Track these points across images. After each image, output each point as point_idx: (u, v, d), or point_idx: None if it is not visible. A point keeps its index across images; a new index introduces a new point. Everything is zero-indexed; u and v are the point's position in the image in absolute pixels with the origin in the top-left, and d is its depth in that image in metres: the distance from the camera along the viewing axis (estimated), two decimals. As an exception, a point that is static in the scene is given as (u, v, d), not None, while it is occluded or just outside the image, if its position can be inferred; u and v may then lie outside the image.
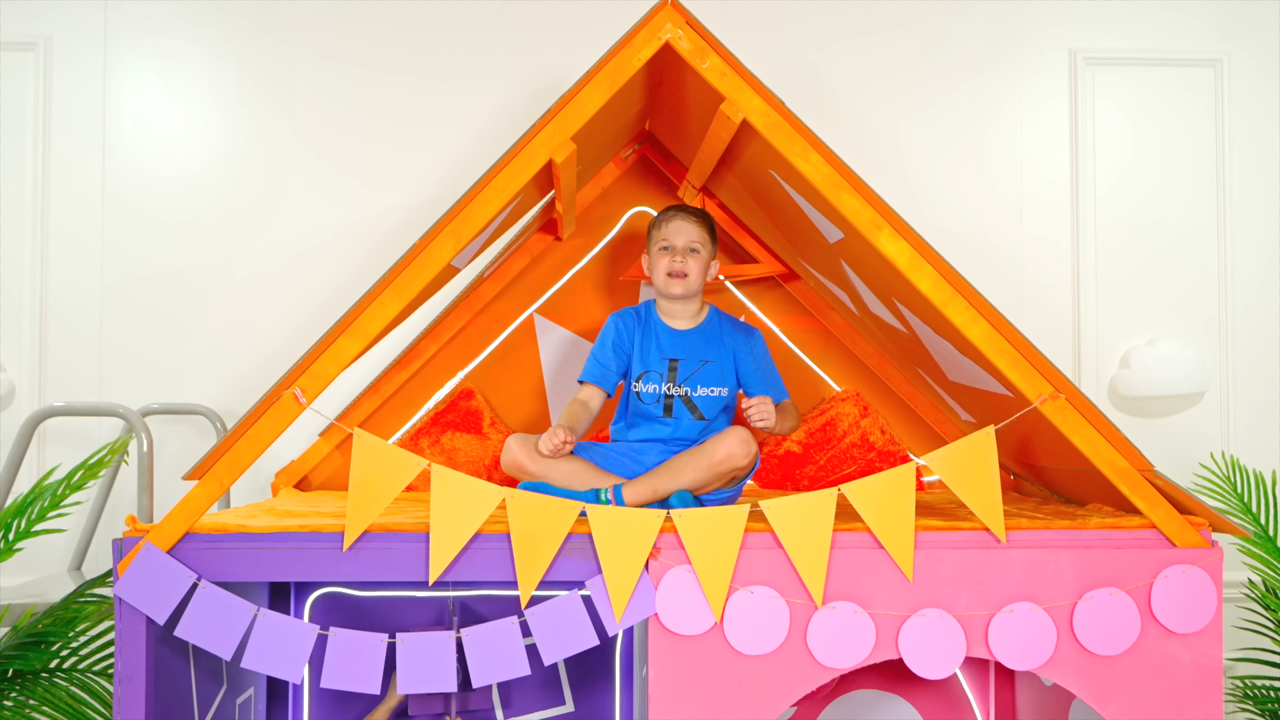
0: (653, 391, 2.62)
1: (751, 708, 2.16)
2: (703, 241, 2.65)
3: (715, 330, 2.68)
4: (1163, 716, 2.18)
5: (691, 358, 2.64)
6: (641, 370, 2.65)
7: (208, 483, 2.13)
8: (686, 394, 2.61)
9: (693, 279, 2.63)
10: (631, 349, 2.68)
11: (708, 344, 2.66)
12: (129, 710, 2.13)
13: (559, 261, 3.14)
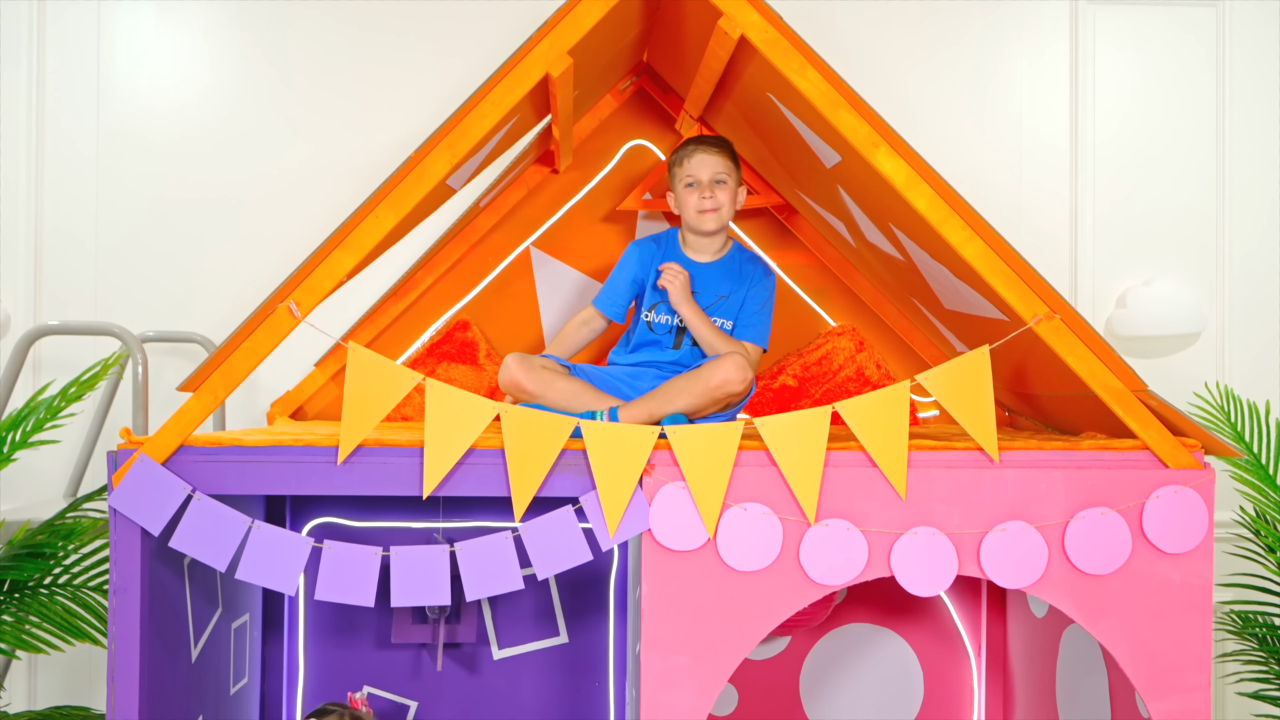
0: (665, 322, 2.63)
1: (744, 623, 2.18)
2: (728, 171, 2.63)
3: (735, 266, 2.68)
4: (1152, 636, 2.19)
5: (708, 291, 2.64)
6: (656, 300, 2.65)
7: (202, 395, 2.13)
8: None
9: (725, 211, 2.63)
10: (647, 278, 2.68)
11: (725, 278, 2.66)
12: (124, 621, 2.14)
13: (556, 194, 3.13)
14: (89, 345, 3.05)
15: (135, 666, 2.15)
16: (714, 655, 2.18)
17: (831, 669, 3.13)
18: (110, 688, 2.15)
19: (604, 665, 3.11)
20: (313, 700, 3.05)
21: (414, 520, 3.03)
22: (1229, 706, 3.31)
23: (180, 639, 2.40)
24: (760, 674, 3.13)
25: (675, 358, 2.61)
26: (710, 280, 2.66)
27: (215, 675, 2.64)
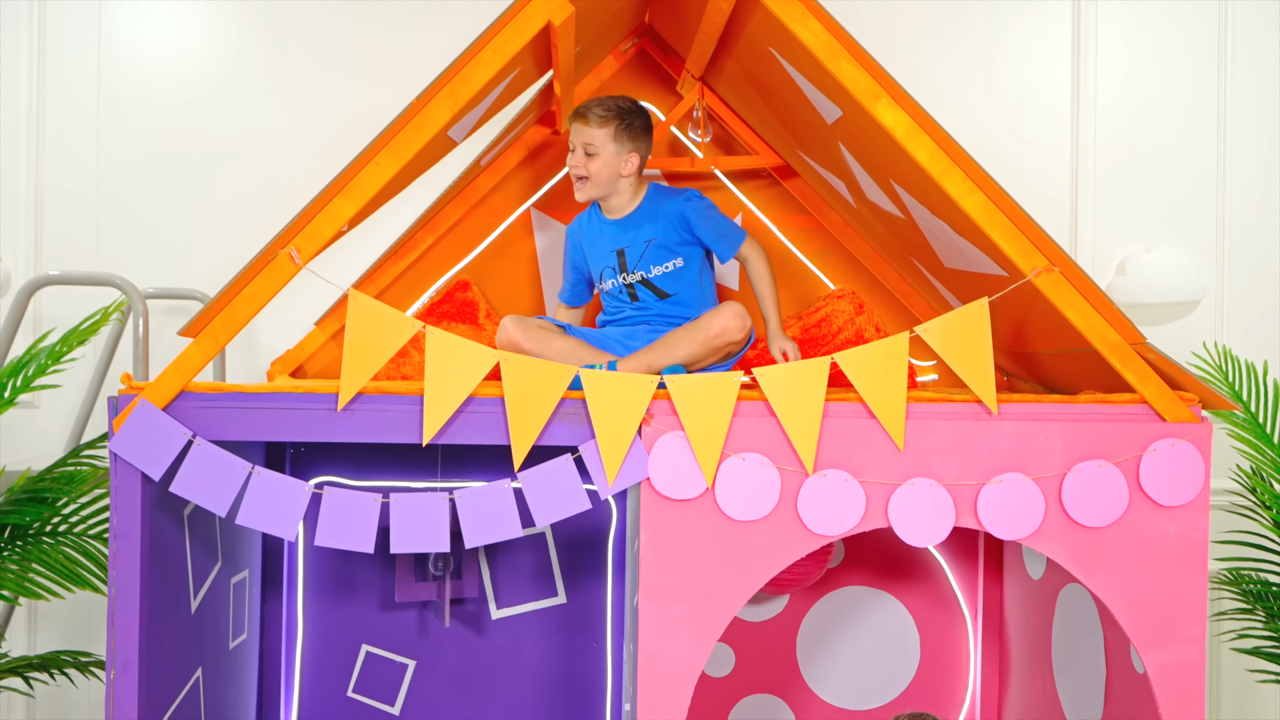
0: (614, 285, 2.67)
1: (741, 572, 2.19)
2: (601, 141, 2.62)
3: (652, 207, 2.69)
4: (1148, 588, 2.20)
5: (636, 242, 2.65)
6: (598, 270, 2.69)
7: (203, 341, 2.14)
8: (643, 277, 2.63)
9: (593, 182, 2.64)
10: (585, 257, 2.73)
11: (647, 222, 2.67)
12: (124, 566, 2.15)
13: (557, 155, 3.12)
14: (90, 299, 3.05)
15: (135, 612, 2.16)
16: (711, 604, 2.19)
17: (828, 631, 3.14)
18: (110, 632, 2.16)
19: (602, 626, 3.12)
20: (312, 658, 3.06)
21: (413, 480, 3.04)
22: (1224, 665, 3.33)
23: (180, 589, 2.41)
24: (757, 636, 3.14)
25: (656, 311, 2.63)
26: (634, 231, 2.67)
27: (215, 628, 2.65)
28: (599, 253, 2.70)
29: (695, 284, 2.68)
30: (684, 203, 2.68)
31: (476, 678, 3.09)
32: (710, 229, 2.68)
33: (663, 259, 2.64)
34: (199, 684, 2.54)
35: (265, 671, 3.03)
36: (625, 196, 2.69)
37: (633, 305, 2.65)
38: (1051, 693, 2.78)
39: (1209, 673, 3.35)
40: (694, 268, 2.66)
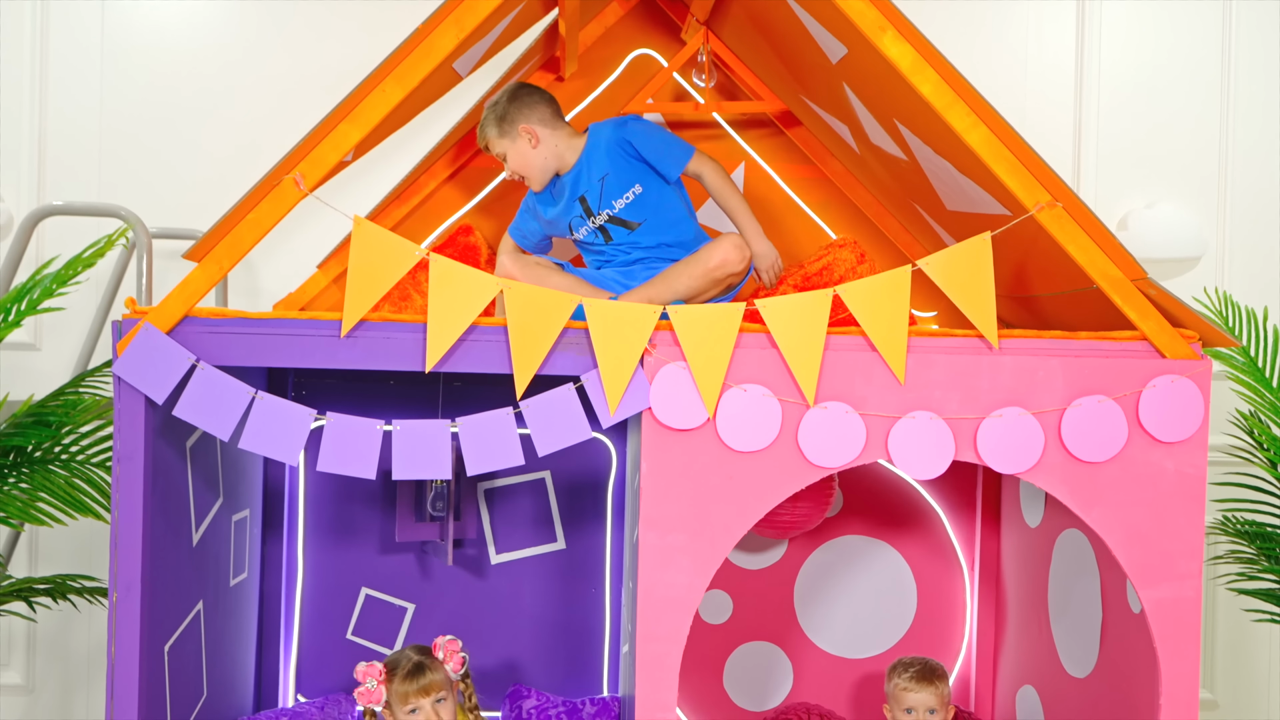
0: (586, 234, 2.69)
1: (741, 503, 2.20)
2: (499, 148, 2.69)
3: (593, 146, 2.69)
4: (1146, 524, 2.22)
5: (591, 183, 2.66)
6: (567, 223, 2.71)
7: (206, 265, 2.14)
8: (609, 215, 2.65)
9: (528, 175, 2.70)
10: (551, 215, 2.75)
11: (596, 161, 2.68)
12: (127, 490, 2.16)
13: (561, 102, 3.10)
14: (93, 233, 3.05)
15: (138, 536, 2.17)
16: (711, 534, 2.20)
17: (826, 580, 3.16)
18: (113, 555, 2.17)
19: (601, 571, 3.13)
20: (312, 600, 3.07)
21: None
22: (1219, 608, 3.36)
23: (181, 519, 2.42)
24: (755, 584, 3.16)
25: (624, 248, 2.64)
26: (586, 174, 2.68)
27: (215, 564, 2.66)
28: (562, 209, 2.72)
29: (660, 206, 2.67)
30: (618, 128, 2.69)
31: (475, 622, 3.10)
32: (651, 146, 2.66)
33: (620, 190, 2.64)
34: (200, 617, 2.56)
35: (265, 613, 3.04)
36: (568, 154, 2.70)
37: (611, 246, 2.66)
38: (1048, 639, 2.79)
39: (1204, 616, 3.37)
40: (654, 189, 2.66)
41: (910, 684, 2.59)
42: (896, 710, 2.62)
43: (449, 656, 2.43)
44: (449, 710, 2.39)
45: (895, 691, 2.62)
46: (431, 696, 2.36)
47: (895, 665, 2.67)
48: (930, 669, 2.62)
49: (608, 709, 2.97)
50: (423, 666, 2.38)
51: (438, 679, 2.38)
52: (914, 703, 2.59)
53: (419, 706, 2.35)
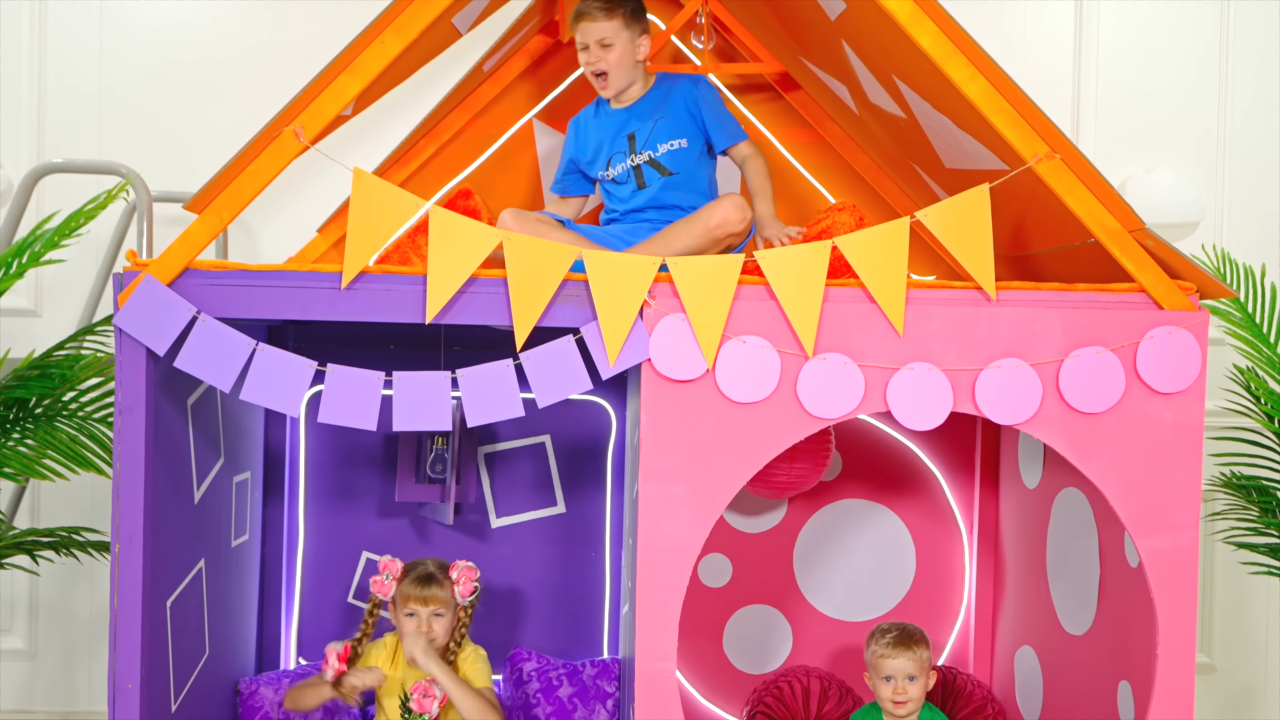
0: (622, 170, 2.69)
1: (741, 454, 2.21)
2: (613, 31, 2.63)
3: (662, 90, 2.71)
4: (1143, 474, 2.23)
5: (644, 124, 2.68)
6: (606, 157, 2.71)
7: (207, 217, 2.15)
8: (650, 157, 2.65)
9: (614, 74, 2.65)
10: (591, 145, 2.74)
11: (657, 105, 2.70)
12: (129, 442, 2.17)
13: (559, 66, 3.12)
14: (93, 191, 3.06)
15: (140, 487, 2.18)
16: (711, 485, 2.21)
17: (825, 543, 3.17)
18: (115, 506, 2.18)
19: (601, 535, 3.15)
20: (312, 563, 3.08)
21: (414, 386, 3.05)
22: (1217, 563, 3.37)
23: (183, 476, 2.42)
24: (754, 547, 3.17)
25: (647, 199, 2.65)
26: (644, 114, 2.70)
27: (217, 523, 2.67)
28: (607, 139, 2.71)
29: (695, 168, 2.69)
30: (692, 85, 2.72)
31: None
32: (714, 114, 2.71)
33: (668, 136, 2.66)
34: (202, 575, 2.57)
35: (266, 576, 3.05)
36: (638, 86, 2.72)
37: (638, 192, 2.66)
38: (1046, 599, 2.81)
39: (1203, 571, 3.39)
40: (695, 150, 2.69)
41: (888, 650, 2.49)
42: (875, 678, 2.53)
43: (462, 579, 2.55)
44: (443, 626, 2.52)
45: (873, 659, 2.53)
46: (430, 608, 2.50)
47: (873, 632, 2.58)
48: (908, 634, 2.53)
49: (608, 670, 2.98)
50: (433, 578, 2.53)
51: (441, 595, 2.52)
52: (892, 670, 2.49)
53: (416, 612, 2.50)
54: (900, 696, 2.49)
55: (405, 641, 2.49)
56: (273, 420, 3.05)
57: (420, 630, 2.49)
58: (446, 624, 2.53)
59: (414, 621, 2.50)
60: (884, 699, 2.52)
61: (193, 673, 2.53)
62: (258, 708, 2.82)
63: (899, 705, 2.50)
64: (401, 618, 2.53)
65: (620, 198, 2.71)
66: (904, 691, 2.49)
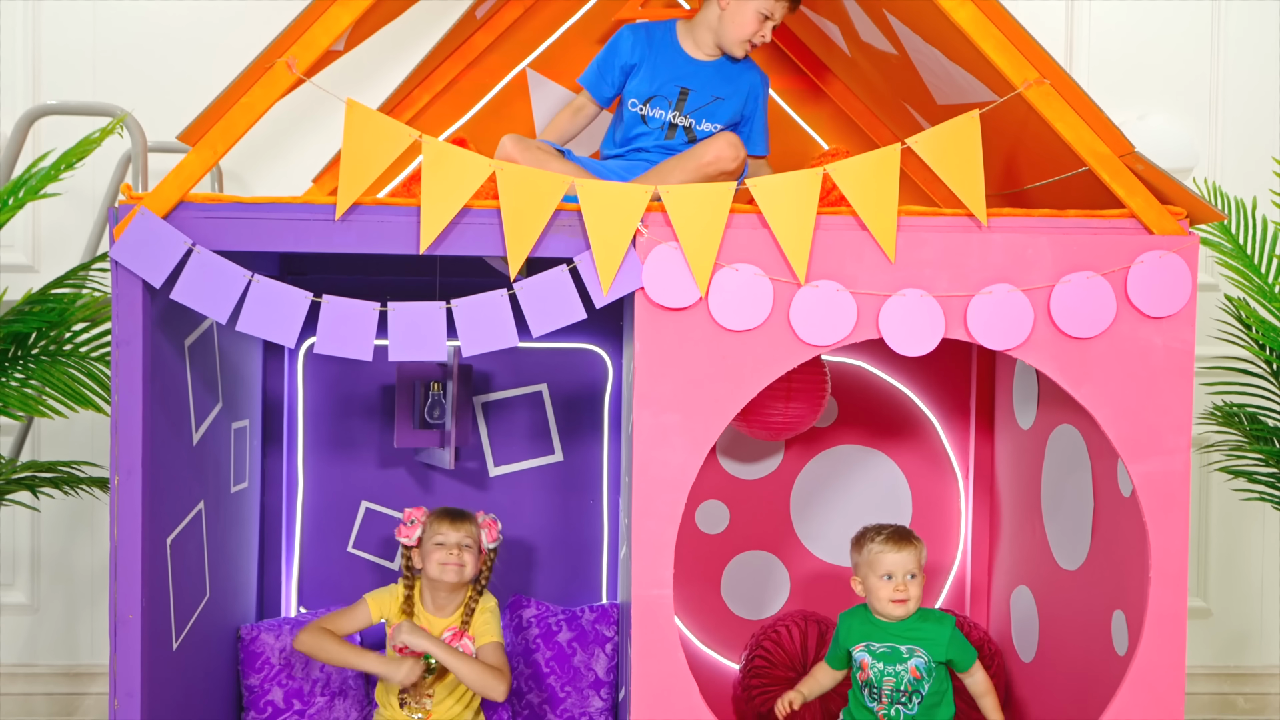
0: (659, 117, 2.65)
1: (734, 382, 2.22)
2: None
3: (734, 67, 2.69)
4: (1135, 399, 2.24)
5: (704, 90, 2.65)
6: (650, 94, 2.66)
7: (201, 150, 2.16)
8: (690, 125, 2.64)
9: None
10: (635, 67, 2.69)
11: (724, 81, 2.67)
12: (127, 373, 2.18)
13: (554, 15, 3.12)
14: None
15: (138, 420, 2.19)
16: (704, 413, 2.22)
17: (821, 489, 3.19)
18: (114, 439, 2.19)
19: (598, 483, 3.16)
20: (312, 513, 3.10)
21: (411, 336, 3.06)
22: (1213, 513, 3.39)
23: (181, 415, 2.44)
24: (751, 493, 3.18)
25: (669, 145, 2.64)
26: (707, 80, 2.67)
27: (216, 467, 2.69)
28: (659, 78, 2.65)
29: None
30: (761, 83, 2.73)
31: (475, 534, 3.13)
32: (760, 116, 2.75)
33: (717, 119, 2.65)
34: (201, 517, 2.58)
35: (266, 525, 3.07)
36: (711, 40, 2.66)
37: (663, 143, 2.64)
38: (1041, 538, 2.82)
39: (1198, 514, 3.40)
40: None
41: (887, 546, 2.44)
42: (872, 577, 2.47)
43: (487, 526, 2.67)
44: (471, 558, 2.61)
45: (872, 557, 2.47)
46: (461, 534, 2.60)
47: (864, 533, 2.54)
48: (904, 531, 2.50)
49: (607, 615, 3.00)
50: (464, 514, 2.65)
51: (471, 529, 2.64)
52: (893, 566, 2.44)
53: (445, 540, 2.58)
54: (901, 594, 2.45)
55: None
56: (270, 370, 3.06)
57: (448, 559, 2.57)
58: (473, 559, 2.62)
59: (442, 550, 2.58)
60: (882, 598, 2.46)
61: (193, 614, 2.55)
62: (259, 653, 2.84)
63: (899, 604, 2.45)
64: (430, 548, 2.60)
65: (643, 133, 2.66)
66: (905, 589, 2.45)
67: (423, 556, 2.63)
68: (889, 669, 2.49)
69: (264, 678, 2.83)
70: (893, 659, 2.49)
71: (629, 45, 2.69)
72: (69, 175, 2.34)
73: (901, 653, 2.49)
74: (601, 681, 2.95)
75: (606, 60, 2.70)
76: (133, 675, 2.21)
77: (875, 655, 2.51)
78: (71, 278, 2.49)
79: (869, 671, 2.50)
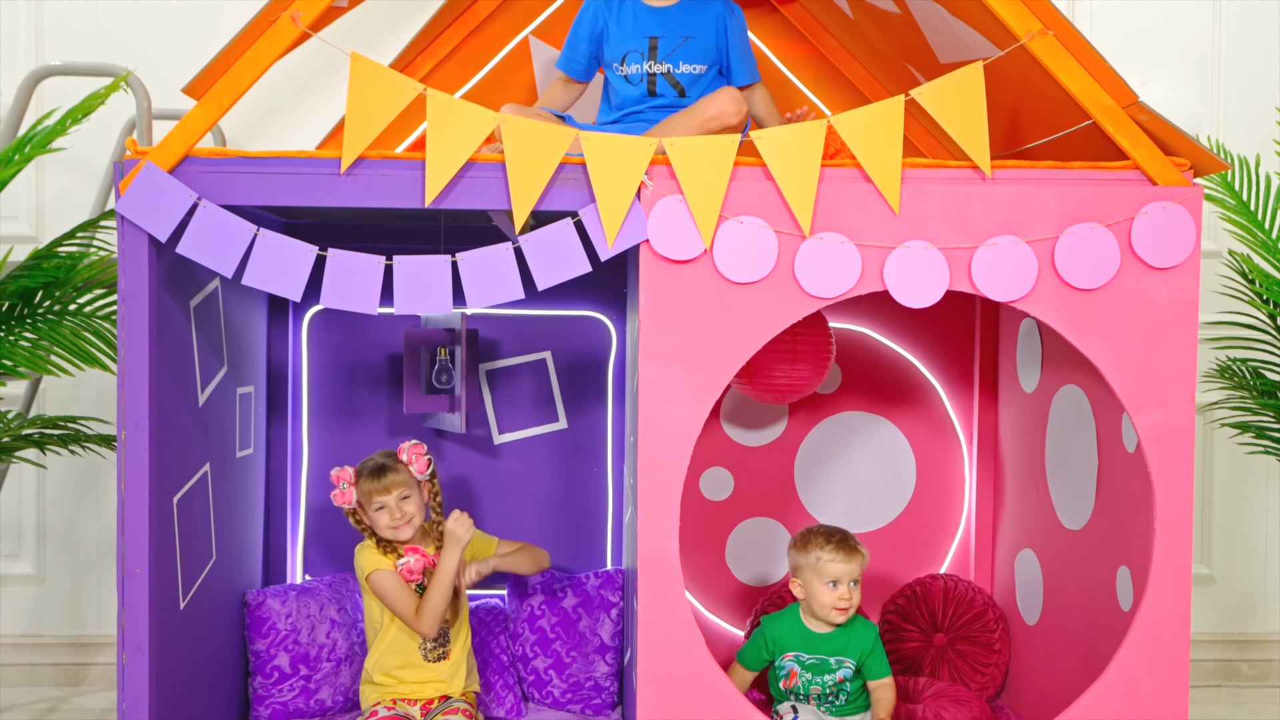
0: (636, 72, 2.66)
1: (739, 335, 2.22)
2: None
3: (698, 4, 2.69)
4: (1139, 350, 2.24)
5: (672, 34, 2.66)
6: (622, 53, 2.67)
7: (206, 104, 2.16)
8: (669, 71, 2.64)
9: None
10: (604, 33, 2.71)
11: (689, 19, 2.67)
12: (133, 328, 2.19)
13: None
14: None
15: (144, 375, 2.20)
16: (710, 366, 2.23)
17: (826, 456, 3.19)
18: (121, 393, 2.20)
19: (603, 451, 3.17)
20: (317, 482, 3.10)
21: (415, 305, 3.06)
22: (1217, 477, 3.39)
23: (187, 375, 2.44)
24: (756, 461, 3.19)
25: (658, 104, 2.64)
26: (674, 23, 2.67)
27: (221, 431, 2.69)
28: (626, 36, 2.67)
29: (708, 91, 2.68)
30: (727, 12, 2.71)
31: (481, 501, 3.14)
32: (739, 46, 2.72)
33: (694, 59, 2.65)
34: (207, 479, 2.59)
35: (271, 492, 3.07)
36: None
37: (648, 100, 2.65)
38: (1045, 500, 2.83)
39: (1202, 479, 3.41)
40: (709, 76, 2.68)
41: (836, 555, 2.51)
42: (816, 583, 2.53)
43: (413, 459, 2.65)
44: (414, 504, 2.62)
45: (819, 564, 2.52)
46: (394, 494, 2.60)
47: (808, 535, 2.58)
48: (850, 539, 2.56)
49: (611, 580, 3.00)
50: (384, 467, 2.62)
51: (399, 478, 2.61)
52: (839, 574, 2.51)
53: (384, 504, 2.59)
54: (844, 602, 2.53)
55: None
56: (275, 338, 3.06)
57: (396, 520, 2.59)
58: (416, 502, 2.63)
59: (386, 514, 2.60)
60: (825, 605, 2.53)
61: (200, 575, 2.56)
62: (265, 619, 2.84)
63: (842, 612, 2.53)
64: (373, 515, 2.62)
65: (628, 96, 2.68)
66: (849, 597, 2.53)
67: (369, 518, 2.63)
68: (816, 679, 2.57)
69: (270, 643, 2.84)
70: (821, 670, 2.57)
71: (591, 15, 2.72)
72: (75, 130, 2.35)
73: (830, 664, 2.57)
74: (607, 646, 2.96)
75: (574, 36, 2.75)
76: (141, 630, 2.22)
77: (804, 665, 2.58)
78: (84, 230, 2.49)
79: (796, 680, 2.57)
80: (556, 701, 2.95)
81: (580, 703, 2.95)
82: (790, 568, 2.62)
